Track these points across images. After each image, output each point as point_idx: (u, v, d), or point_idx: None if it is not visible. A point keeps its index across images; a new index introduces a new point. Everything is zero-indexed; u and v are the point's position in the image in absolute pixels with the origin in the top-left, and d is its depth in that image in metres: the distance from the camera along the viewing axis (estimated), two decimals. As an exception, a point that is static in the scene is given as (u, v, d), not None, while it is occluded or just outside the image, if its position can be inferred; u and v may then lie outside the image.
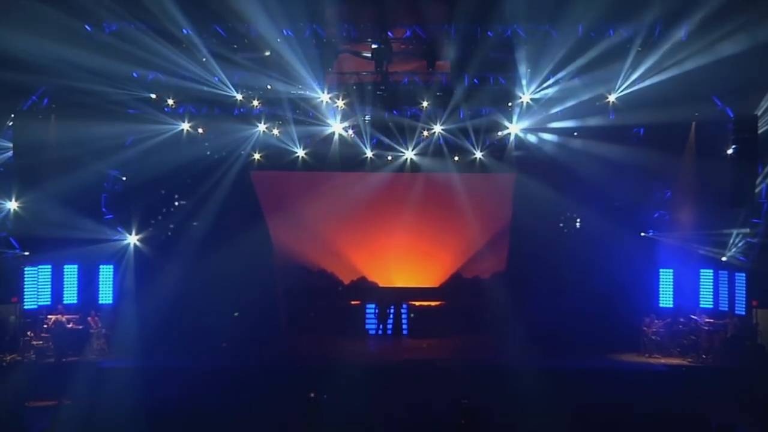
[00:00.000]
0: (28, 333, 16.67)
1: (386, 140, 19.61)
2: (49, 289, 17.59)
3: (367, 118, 18.61)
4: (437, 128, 18.82)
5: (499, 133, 19.13)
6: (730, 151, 16.45)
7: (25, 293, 17.14)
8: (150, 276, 18.39)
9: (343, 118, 18.40)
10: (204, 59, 15.57)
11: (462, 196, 20.84)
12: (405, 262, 21.35)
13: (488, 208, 20.97)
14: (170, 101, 17.22)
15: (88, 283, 18.19)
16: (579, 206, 20.04)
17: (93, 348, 17.05)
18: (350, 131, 19.10)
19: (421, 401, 13.21)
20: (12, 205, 16.73)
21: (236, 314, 19.40)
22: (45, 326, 16.84)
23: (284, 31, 15.08)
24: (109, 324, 17.63)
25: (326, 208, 20.73)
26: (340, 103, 17.61)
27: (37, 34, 13.65)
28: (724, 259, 17.24)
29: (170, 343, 16.69)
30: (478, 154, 19.82)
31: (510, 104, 17.78)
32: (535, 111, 17.70)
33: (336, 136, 19.03)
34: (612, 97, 16.45)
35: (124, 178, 19.07)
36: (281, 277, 20.82)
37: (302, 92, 16.99)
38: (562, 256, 19.79)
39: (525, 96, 16.91)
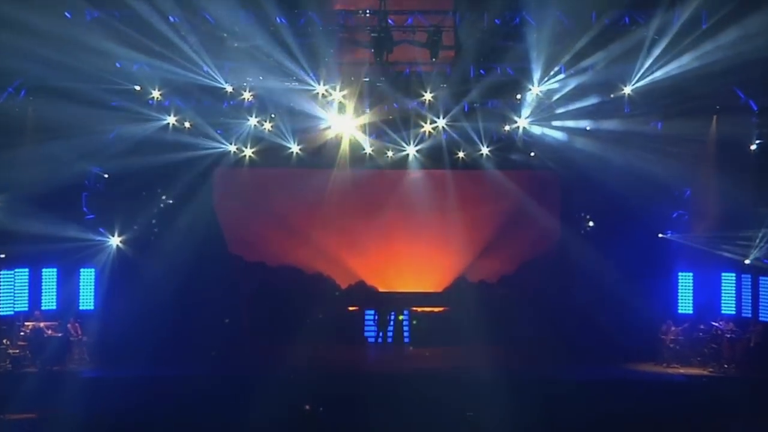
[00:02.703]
0: (4, 341, 16.67)
1: (386, 135, 19.66)
2: (27, 294, 17.59)
3: (366, 111, 18.65)
4: (441, 122, 18.88)
5: (507, 127, 19.19)
6: (753, 147, 16.48)
7: (1, 298, 17.15)
8: (134, 280, 18.43)
9: (340, 111, 18.44)
10: (192, 48, 15.60)
11: (466, 195, 20.93)
12: (406, 265, 21.37)
13: (495, 207, 21.01)
14: (155, 93, 17.24)
15: (68, 288, 18.22)
16: (591, 205, 20.08)
17: (73, 357, 17.10)
18: (347, 125, 19.13)
19: (424, 414, 13.30)
20: (-14, 204, 16.79)
21: (227, 321, 19.46)
22: (22, 334, 16.88)
23: (278, 19, 15.12)
24: (91, 331, 17.67)
25: (321, 207, 20.80)
26: (337, 95, 17.63)
27: (14, 22, 13.68)
28: (747, 262, 17.28)
29: (156, 352, 16.74)
30: (485, 150, 19.89)
31: (519, 96, 17.83)
32: (545, 103, 17.75)
33: (332, 131, 19.08)
34: (628, 89, 16.46)
35: (106, 176, 19.11)
36: (275, 281, 20.85)
37: (296, 84, 17.02)
38: (575, 258, 19.86)
39: (535, 87, 16.94)
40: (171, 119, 18.28)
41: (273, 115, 18.88)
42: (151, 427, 13.11)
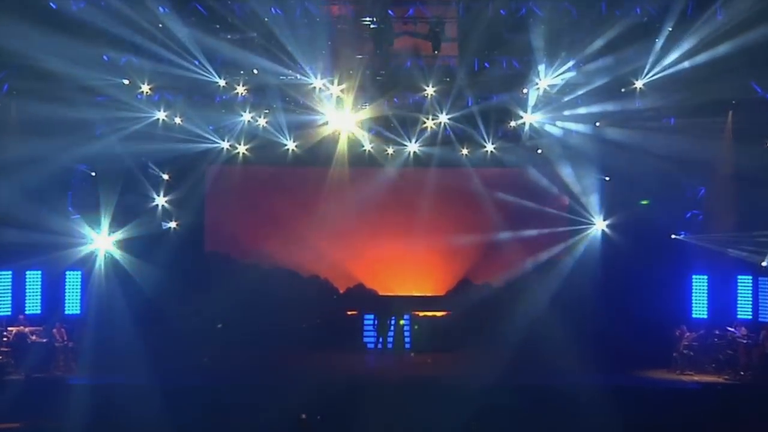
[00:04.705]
0: (-14, 347, 16.74)
1: (386, 131, 19.68)
2: (10, 298, 17.61)
3: (365, 106, 18.67)
4: (443, 118, 18.90)
5: (512, 123, 19.22)
6: (771, 143, 16.48)
7: (-18, 303, 17.22)
8: (122, 283, 18.46)
9: (338, 107, 18.46)
10: (183, 41, 15.60)
11: (470, 193, 20.95)
12: (407, 267, 21.41)
13: (500, 206, 21.02)
14: (145, 87, 17.25)
15: (53, 292, 18.23)
16: (601, 204, 20.10)
17: (59, 364, 17.11)
18: (346, 121, 19.14)
19: (426, 423, 13.33)
20: (-33, 203, 16.78)
21: (220, 326, 19.49)
22: (5, 339, 16.87)
23: (272, 10, 15.13)
24: (77, 337, 17.68)
25: (318, 207, 20.81)
26: (335, 89, 17.64)
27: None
28: (764, 264, 17.31)
29: (146, 358, 16.76)
30: (489, 147, 19.93)
31: (525, 91, 17.84)
32: (553, 98, 17.78)
33: (330, 127, 19.11)
34: (639, 83, 16.47)
35: (93, 174, 19.12)
36: (270, 284, 20.86)
37: (292, 77, 17.04)
38: (583, 260, 19.88)
39: (541, 81, 16.97)
40: (161, 114, 18.31)
41: (267, 111, 18.90)
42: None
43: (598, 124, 18.63)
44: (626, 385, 16.27)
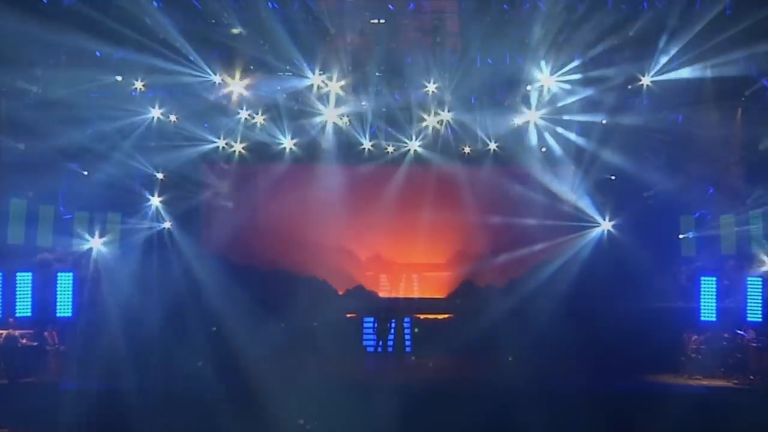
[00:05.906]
0: (-25, 351, 16.70)
1: (386, 129, 19.65)
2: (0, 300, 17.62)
3: (365, 103, 18.65)
4: (445, 115, 18.87)
5: (515, 120, 19.19)
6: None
7: (-28, 305, 17.17)
8: (115, 285, 18.42)
9: (337, 104, 18.45)
10: (177, 36, 15.59)
11: (472, 193, 20.92)
12: (408, 269, 21.37)
13: (503, 206, 21.00)
14: (138, 84, 17.26)
15: (44, 294, 18.20)
16: (607, 204, 20.09)
17: (50, 368, 17.08)
18: (345, 118, 19.14)
19: (427, 427, 13.30)
20: (-43, 203, 16.79)
21: (214, 329, 19.46)
22: (-6, 343, 16.89)
23: (269, 4, 15.14)
24: (69, 340, 17.65)
25: (316, 207, 20.79)
26: (334, 86, 17.63)
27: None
28: (773, 264, 17.33)
29: (139, 362, 16.75)
30: (492, 145, 19.90)
31: (528, 87, 17.83)
32: (558, 95, 17.75)
33: (329, 125, 19.09)
34: (646, 80, 16.48)
35: (85, 173, 19.10)
36: (266, 286, 20.84)
37: (290, 74, 17.03)
38: (589, 261, 19.85)
39: (546, 78, 16.95)
40: (155, 112, 18.29)
41: (264, 108, 18.88)
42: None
43: (604, 121, 18.60)
44: (633, 389, 16.24)
